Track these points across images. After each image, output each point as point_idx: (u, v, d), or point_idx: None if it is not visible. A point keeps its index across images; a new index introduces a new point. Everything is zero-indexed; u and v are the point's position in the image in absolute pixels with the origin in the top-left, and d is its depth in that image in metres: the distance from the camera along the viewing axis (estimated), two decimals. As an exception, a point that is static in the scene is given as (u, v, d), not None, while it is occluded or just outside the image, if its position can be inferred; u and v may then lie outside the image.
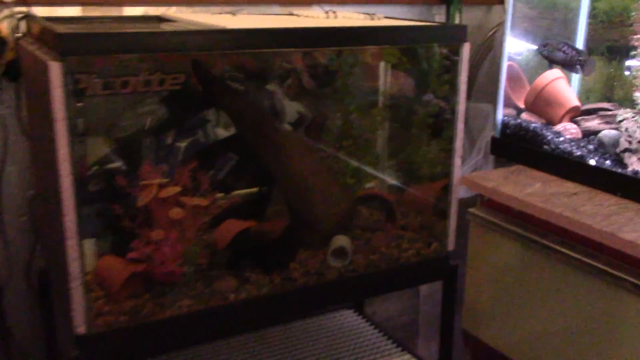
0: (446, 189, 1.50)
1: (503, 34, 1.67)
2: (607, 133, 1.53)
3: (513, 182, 1.54)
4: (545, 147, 1.59)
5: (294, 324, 1.84)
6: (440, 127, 1.53)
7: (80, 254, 1.15)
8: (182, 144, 1.38)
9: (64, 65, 1.04)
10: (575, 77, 1.79)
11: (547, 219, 1.38)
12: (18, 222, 1.53)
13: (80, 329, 1.16)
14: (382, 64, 1.62)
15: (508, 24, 1.65)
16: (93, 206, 1.28)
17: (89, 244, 1.24)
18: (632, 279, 1.24)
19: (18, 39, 1.41)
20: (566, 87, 1.70)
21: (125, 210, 1.26)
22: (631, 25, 1.58)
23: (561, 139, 1.59)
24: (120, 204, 1.26)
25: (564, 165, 1.55)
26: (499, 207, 1.52)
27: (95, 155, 1.29)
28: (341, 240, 1.43)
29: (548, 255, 1.40)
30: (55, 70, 1.04)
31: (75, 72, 1.07)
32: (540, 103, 1.69)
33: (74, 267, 1.14)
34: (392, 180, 1.66)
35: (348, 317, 1.92)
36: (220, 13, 1.56)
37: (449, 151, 1.49)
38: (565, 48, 1.65)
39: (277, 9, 1.72)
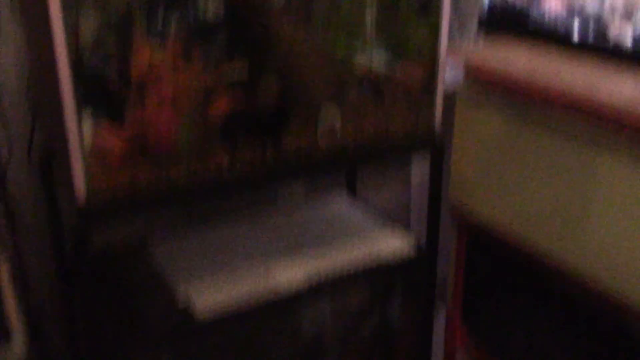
0: (433, 69, 1.53)
1: None
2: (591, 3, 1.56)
3: (499, 56, 1.57)
4: (532, 24, 1.61)
5: (291, 208, 1.91)
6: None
7: (78, 123, 1.19)
8: (174, 14, 1.38)
9: None
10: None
11: (531, 89, 1.42)
12: (17, 102, 1.55)
13: (81, 199, 1.20)
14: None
15: None
16: (88, 77, 1.30)
17: (87, 119, 1.27)
18: (609, 140, 1.29)
19: None
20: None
21: (119, 79, 1.29)
22: None
23: (546, 14, 1.61)
24: (115, 73, 1.29)
25: (550, 41, 1.57)
26: (485, 81, 1.56)
27: (87, 26, 1.30)
28: (332, 111, 1.47)
29: (532, 125, 1.45)
30: None
31: None
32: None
33: (72, 137, 1.18)
34: (379, 58, 1.68)
35: (342, 200, 1.99)
36: None
37: (436, 27, 1.51)
38: None
39: None
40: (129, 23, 1.30)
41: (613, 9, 1.51)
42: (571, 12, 1.63)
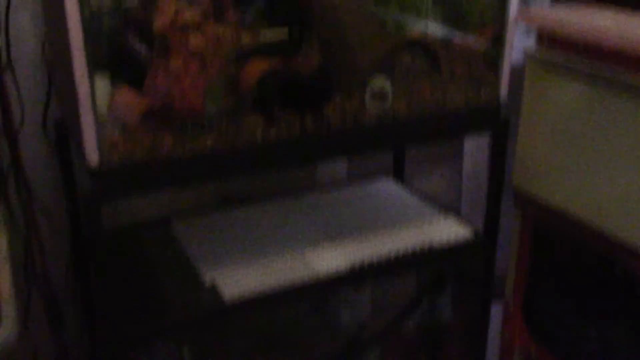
0: (500, 36, 1.35)
1: None
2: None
3: (578, 15, 1.37)
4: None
5: (331, 192, 1.74)
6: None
7: (90, 83, 1.05)
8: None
9: None
10: None
11: (618, 55, 1.21)
12: (33, 67, 1.42)
13: (93, 161, 1.06)
14: None
15: None
16: (104, 37, 1.16)
17: (103, 79, 1.12)
18: None
19: None
20: None
21: (140, 38, 1.14)
22: None
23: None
24: (135, 31, 1.14)
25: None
26: (562, 43, 1.35)
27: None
28: (381, 82, 1.29)
29: (620, 95, 1.24)
30: None
31: None
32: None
33: (83, 97, 1.05)
34: (436, 24, 1.50)
35: (388, 185, 1.81)
36: None
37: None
38: None
39: None
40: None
41: None
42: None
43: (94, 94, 1.05)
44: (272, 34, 1.34)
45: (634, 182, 1.23)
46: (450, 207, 1.65)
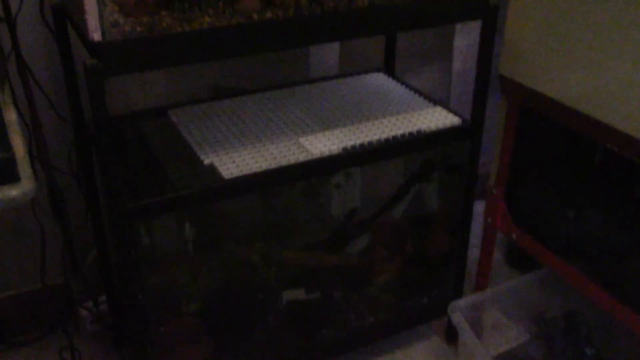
0: None
1: None
2: None
3: None
4: None
5: (324, 84, 1.78)
6: None
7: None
8: None
9: None
10: None
11: None
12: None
13: (96, 35, 1.09)
14: None
15: None
16: None
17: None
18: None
19: None
20: None
21: None
22: None
23: None
24: None
25: None
26: None
27: None
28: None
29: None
30: None
31: None
32: None
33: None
34: None
35: (380, 78, 1.85)
36: None
37: None
38: None
39: None
40: None
41: None
42: None
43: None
44: None
45: (617, 68, 1.27)
46: (440, 101, 1.69)
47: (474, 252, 1.82)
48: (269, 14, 1.23)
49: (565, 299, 1.70)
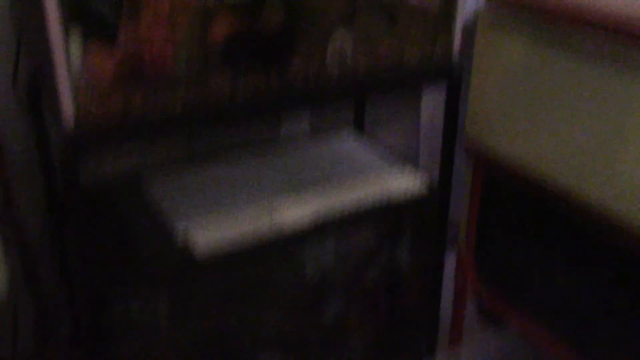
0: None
1: None
2: None
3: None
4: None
5: (295, 145, 1.81)
6: None
7: (64, 42, 1.09)
8: None
9: None
10: None
11: (562, 10, 1.29)
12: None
13: (68, 124, 1.11)
14: None
15: None
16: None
17: (75, 38, 1.16)
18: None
19: None
20: None
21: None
22: None
23: None
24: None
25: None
26: (510, 3, 1.43)
27: None
28: (341, 36, 1.36)
29: (561, 52, 1.32)
30: None
31: None
32: None
33: (58, 58, 1.08)
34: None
35: (349, 138, 1.89)
36: None
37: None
38: None
39: None
40: None
41: None
42: None
43: (69, 55, 1.08)
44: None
45: (576, 133, 1.32)
46: (409, 157, 1.73)
47: (449, 304, 1.84)
48: (240, 93, 1.26)
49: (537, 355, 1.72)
